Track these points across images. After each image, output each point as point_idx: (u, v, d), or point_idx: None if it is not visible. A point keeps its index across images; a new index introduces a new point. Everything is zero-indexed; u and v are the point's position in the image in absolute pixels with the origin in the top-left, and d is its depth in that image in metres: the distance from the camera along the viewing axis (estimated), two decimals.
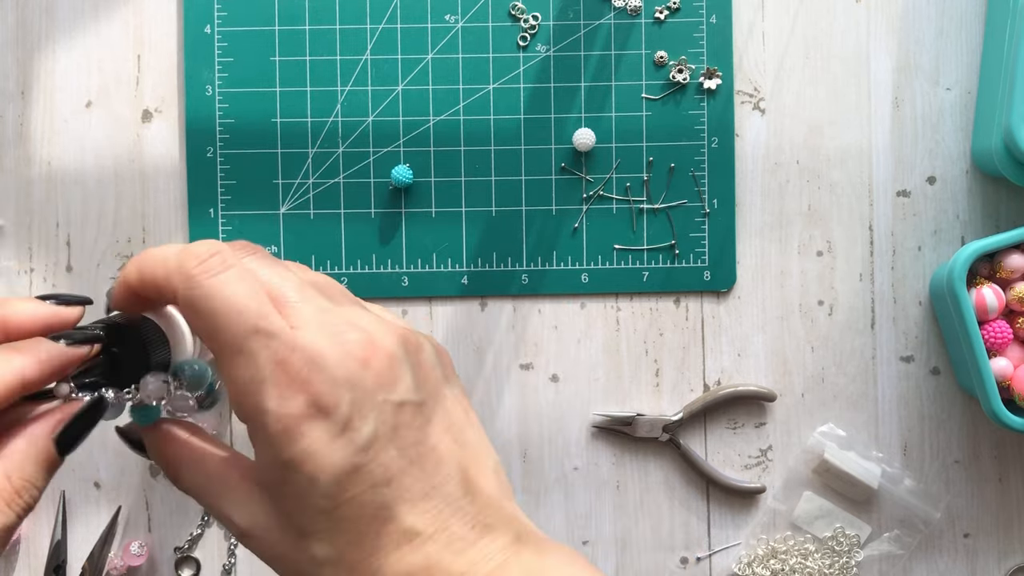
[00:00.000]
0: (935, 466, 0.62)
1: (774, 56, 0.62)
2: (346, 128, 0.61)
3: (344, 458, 0.29)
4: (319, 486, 0.28)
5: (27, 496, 0.30)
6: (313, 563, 0.30)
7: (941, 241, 0.62)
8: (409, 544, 0.29)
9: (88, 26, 0.62)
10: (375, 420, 0.29)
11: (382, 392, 0.30)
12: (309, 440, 0.28)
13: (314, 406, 0.29)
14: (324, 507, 0.29)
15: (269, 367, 0.29)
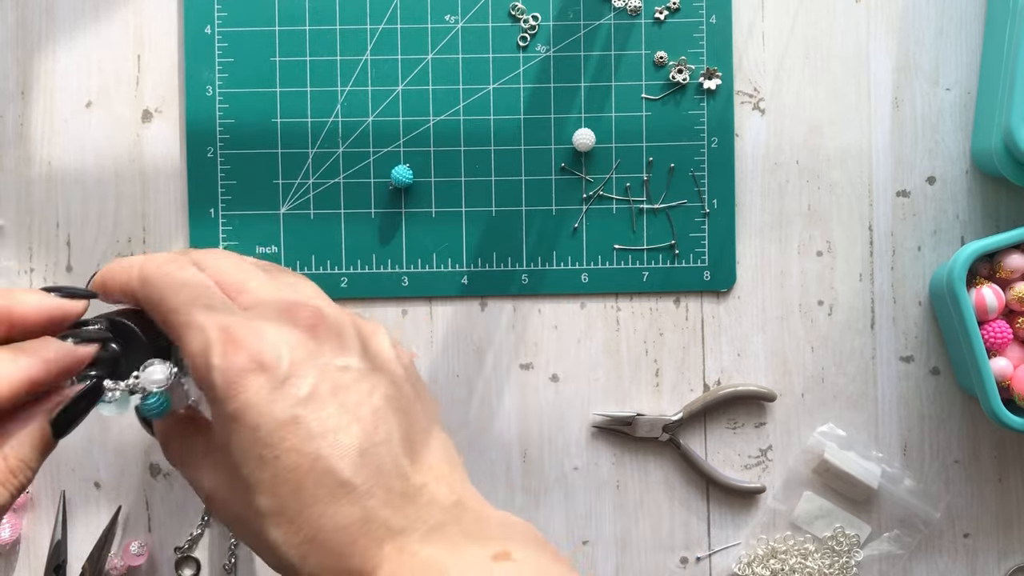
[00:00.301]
0: (935, 466, 0.62)
1: (774, 56, 0.62)
2: (346, 128, 0.61)
3: (283, 409, 0.30)
4: (260, 435, 0.30)
5: (21, 476, 0.30)
6: (258, 516, 0.31)
7: (941, 241, 0.62)
8: (347, 497, 0.30)
9: (88, 26, 0.62)
10: (315, 377, 0.31)
11: (325, 356, 0.32)
12: (250, 392, 0.30)
13: (255, 361, 0.31)
14: (265, 456, 0.30)
15: (214, 332, 0.31)
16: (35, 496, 0.61)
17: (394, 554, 0.30)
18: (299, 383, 0.31)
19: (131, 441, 0.62)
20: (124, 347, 0.34)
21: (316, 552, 0.30)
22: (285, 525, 0.30)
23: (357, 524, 0.30)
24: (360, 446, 0.31)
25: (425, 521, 0.31)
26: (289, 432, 0.30)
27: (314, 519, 0.30)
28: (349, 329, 0.34)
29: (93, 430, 0.61)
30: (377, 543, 0.30)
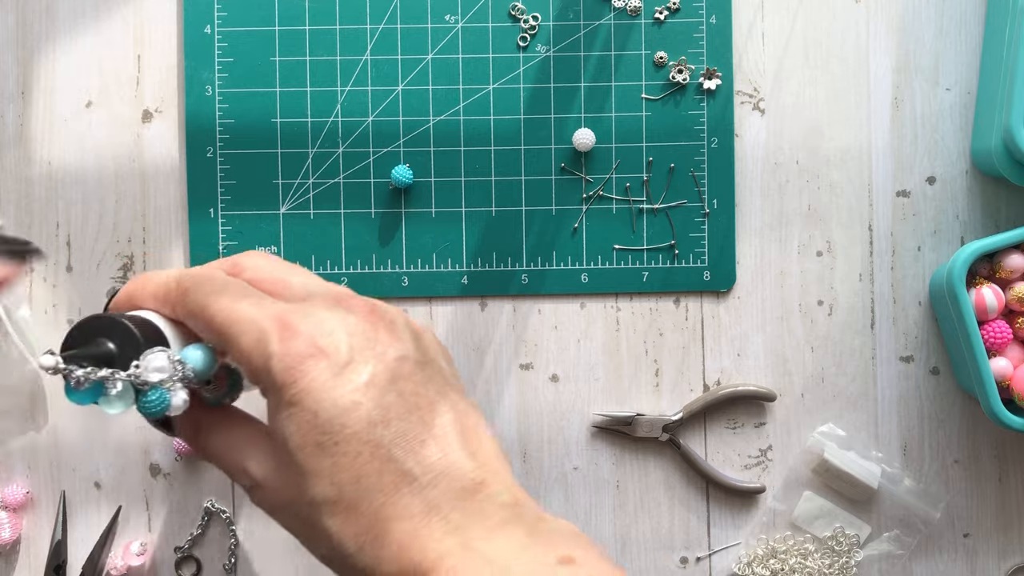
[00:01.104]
0: (935, 466, 0.62)
1: (774, 56, 0.62)
2: (346, 128, 0.61)
3: (343, 395, 0.30)
4: (319, 421, 0.30)
5: None
6: (313, 504, 0.30)
7: (941, 241, 0.62)
8: (408, 487, 0.30)
9: (88, 26, 0.62)
10: (374, 365, 0.31)
11: (382, 345, 0.32)
12: (310, 378, 0.30)
13: (314, 346, 0.30)
14: (324, 443, 0.30)
15: (268, 321, 0.31)
16: (35, 496, 0.61)
17: (456, 549, 0.29)
18: (359, 369, 0.31)
19: (131, 441, 0.62)
20: (121, 349, 0.33)
21: (375, 543, 0.30)
22: (343, 514, 0.30)
23: (419, 516, 0.30)
24: (420, 437, 0.30)
25: (487, 518, 0.30)
26: (350, 419, 0.30)
27: (374, 509, 0.30)
28: (401, 319, 0.34)
29: (93, 430, 0.61)
30: (439, 537, 0.29)
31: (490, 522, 0.30)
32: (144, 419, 0.35)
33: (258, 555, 0.62)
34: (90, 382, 0.32)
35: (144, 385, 0.33)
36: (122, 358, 0.33)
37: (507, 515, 0.31)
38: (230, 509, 0.61)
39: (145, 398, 0.33)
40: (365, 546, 0.30)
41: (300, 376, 0.30)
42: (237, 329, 0.32)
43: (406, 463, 0.30)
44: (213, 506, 0.61)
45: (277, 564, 0.62)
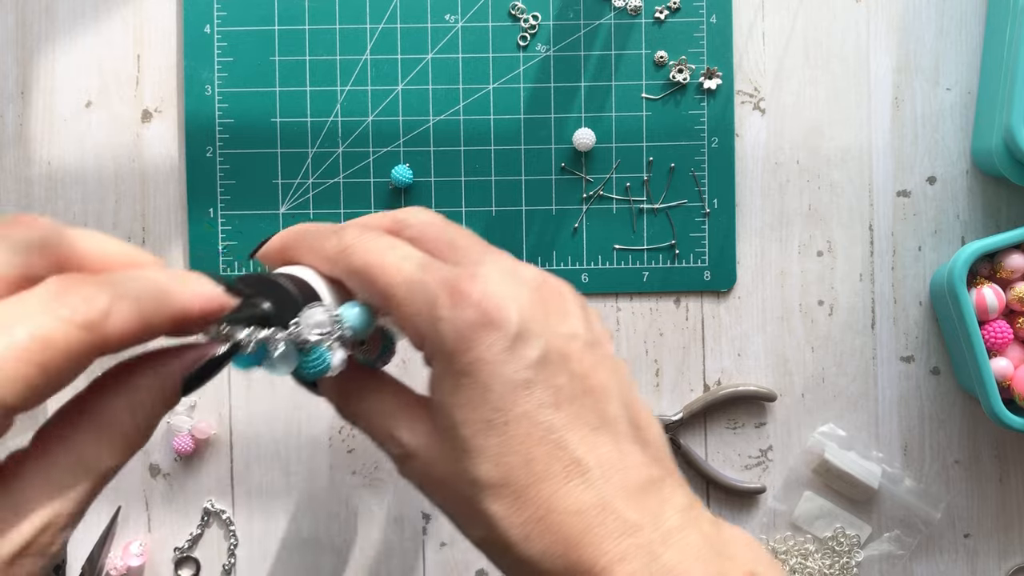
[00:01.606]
0: (935, 466, 0.62)
1: (774, 56, 0.62)
2: (346, 128, 0.61)
3: (516, 371, 0.28)
4: (491, 396, 0.28)
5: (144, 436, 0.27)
6: (475, 484, 0.28)
7: (941, 241, 0.62)
8: (581, 478, 0.28)
9: (88, 26, 0.62)
10: (546, 342, 0.29)
11: (553, 321, 0.30)
12: (483, 348, 0.28)
13: (486, 316, 0.28)
14: (494, 421, 0.28)
15: (437, 285, 0.29)
16: None
17: (634, 552, 0.27)
18: (531, 344, 0.28)
19: None
20: (278, 310, 0.30)
21: (543, 534, 0.27)
22: (509, 499, 0.28)
23: (592, 511, 0.27)
24: (591, 424, 0.28)
25: (664, 521, 0.28)
26: (521, 397, 0.28)
27: (544, 497, 0.27)
28: (570, 294, 0.32)
29: None
30: (613, 536, 0.27)
31: (666, 526, 0.28)
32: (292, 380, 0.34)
33: (257, 556, 0.61)
34: (254, 345, 0.29)
35: (304, 344, 0.30)
36: (279, 319, 0.30)
37: (683, 520, 0.28)
38: (230, 509, 0.61)
39: (306, 358, 0.30)
40: (532, 536, 0.27)
41: (472, 345, 0.28)
42: (405, 291, 0.30)
43: (578, 451, 0.28)
44: (212, 506, 0.61)
45: (277, 565, 0.61)
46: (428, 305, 0.29)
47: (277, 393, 0.62)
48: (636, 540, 0.27)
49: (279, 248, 0.34)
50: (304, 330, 0.30)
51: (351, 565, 0.62)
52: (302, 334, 0.30)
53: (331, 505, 0.62)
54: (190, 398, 0.61)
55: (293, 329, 0.30)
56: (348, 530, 0.62)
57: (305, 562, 0.62)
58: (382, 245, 0.31)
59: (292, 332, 0.30)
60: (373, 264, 0.30)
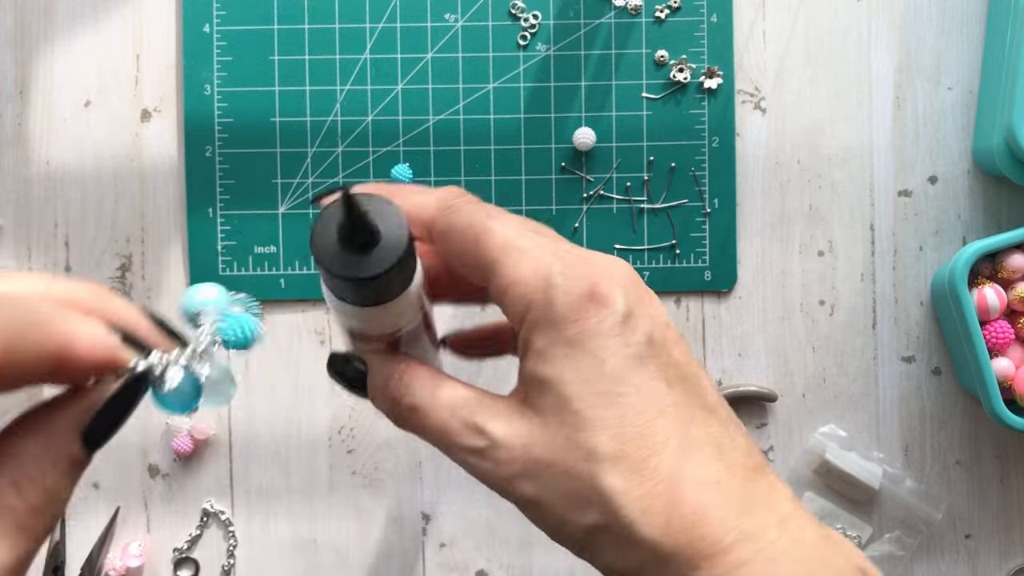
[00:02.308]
0: (936, 467, 0.62)
1: (775, 55, 0.62)
2: (345, 127, 0.61)
3: (628, 346, 0.27)
4: (605, 368, 0.27)
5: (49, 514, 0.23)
6: (592, 458, 0.27)
7: (942, 241, 0.62)
8: (699, 454, 0.27)
9: (87, 25, 0.62)
10: (651, 324, 0.28)
11: (652, 307, 0.29)
12: (594, 321, 0.27)
13: (597, 292, 0.28)
14: (609, 392, 0.27)
15: (548, 256, 0.28)
16: None
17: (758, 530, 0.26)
18: (639, 325, 0.28)
19: (130, 442, 0.61)
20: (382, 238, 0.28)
21: (664, 508, 0.26)
22: (627, 472, 0.26)
23: (713, 487, 0.26)
24: (699, 406, 0.28)
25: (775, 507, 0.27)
26: (636, 371, 0.27)
27: (663, 470, 0.26)
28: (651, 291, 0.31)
29: None
30: (735, 514, 0.26)
31: (778, 512, 0.27)
32: (335, 381, 0.32)
33: (257, 556, 0.61)
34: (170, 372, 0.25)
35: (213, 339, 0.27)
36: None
37: (791, 508, 0.28)
38: (229, 510, 0.61)
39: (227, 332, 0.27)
40: (651, 510, 0.26)
41: (586, 315, 0.27)
42: (515, 256, 0.28)
43: (691, 427, 0.27)
44: (212, 507, 0.61)
45: (276, 565, 0.61)
46: (538, 271, 0.28)
47: (277, 393, 0.62)
48: (756, 519, 0.26)
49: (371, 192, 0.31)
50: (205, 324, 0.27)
51: (351, 565, 0.61)
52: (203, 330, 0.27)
53: (331, 505, 0.61)
54: None
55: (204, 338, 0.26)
56: (348, 530, 0.62)
57: (305, 562, 0.61)
58: (490, 210, 0.30)
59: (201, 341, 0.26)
60: (478, 224, 0.29)
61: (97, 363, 0.23)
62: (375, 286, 0.28)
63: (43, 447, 0.23)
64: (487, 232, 0.29)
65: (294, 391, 0.62)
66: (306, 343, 0.62)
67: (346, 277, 0.28)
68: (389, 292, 0.29)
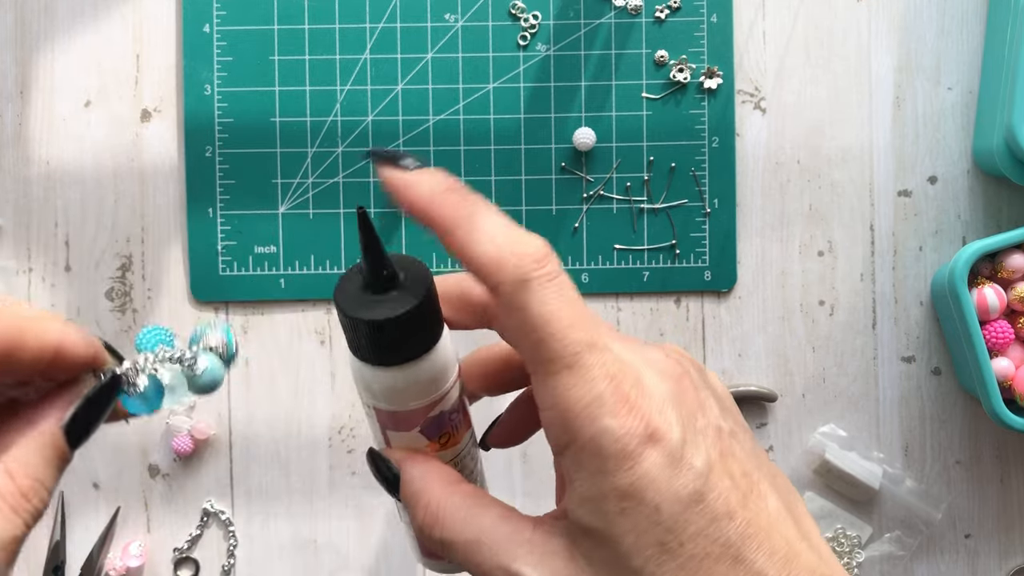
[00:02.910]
0: (936, 467, 0.62)
1: (775, 55, 0.62)
2: (345, 127, 0.61)
3: (685, 486, 0.25)
4: (662, 518, 0.25)
5: (36, 499, 0.25)
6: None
7: (942, 241, 0.62)
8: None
9: (87, 25, 0.62)
10: (704, 445, 0.26)
11: (700, 417, 0.27)
12: (648, 465, 0.25)
13: (651, 426, 0.25)
14: (668, 544, 0.25)
15: (604, 383, 0.26)
16: None
17: None
18: (694, 453, 0.26)
19: (130, 442, 0.61)
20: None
21: None
22: None
23: None
24: (763, 527, 0.26)
25: None
26: (694, 514, 0.25)
27: None
28: (695, 371, 0.29)
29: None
30: None
31: None
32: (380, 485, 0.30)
33: (257, 556, 0.61)
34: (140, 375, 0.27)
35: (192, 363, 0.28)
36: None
37: None
38: (229, 510, 0.61)
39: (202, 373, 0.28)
40: None
41: (637, 462, 0.25)
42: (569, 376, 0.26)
43: (757, 562, 0.25)
44: (212, 507, 0.61)
45: (276, 565, 0.61)
46: (589, 406, 0.25)
47: (277, 393, 0.62)
48: None
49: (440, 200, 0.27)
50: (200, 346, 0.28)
51: (351, 565, 0.61)
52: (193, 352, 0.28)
53: (331, 505, 0.61)
54: (189, 398, 0.61)
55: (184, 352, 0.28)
56: (348, 530, 0.62)
57: (305, 562, 0.61)
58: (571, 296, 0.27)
59: (183, 354, 0.27)
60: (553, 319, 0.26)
61: (87, 359, 0.26)
62: (390, 332, 0.27)
63: (30, 439, 0.25)
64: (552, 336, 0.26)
65: (294, 391, 0.62)
66: (306, 343, 0.62)
67: (359, 317, 0.27)
68: (408, 348, 0.27)
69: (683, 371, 0.28)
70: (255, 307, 0.61)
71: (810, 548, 0.27)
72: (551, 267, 0.27)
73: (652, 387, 0.26)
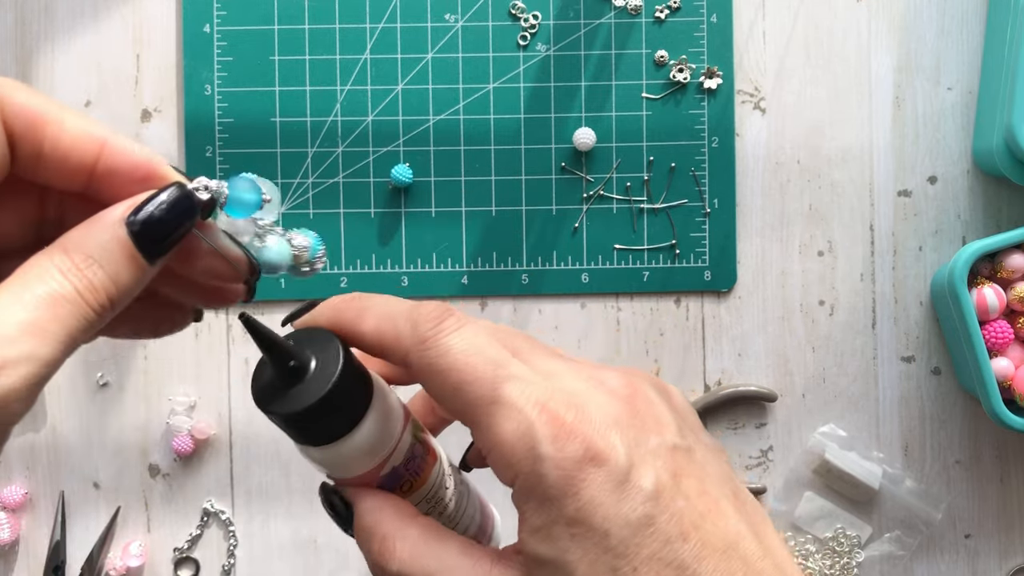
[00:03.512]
0: (936, 466, 0.62)
1: (775, 55, 0.62)
2: (345, 127, 0.61)
3: (633, 509, 0.25)
4: (611, 543, 0.25)
5: (104, 293, 0.24)
6: None
7: (942, 241, 0.62)
8: None
9: (87, 25, 0.62)
10: (654, 466, 0.26)
11: (652, 436, 0.26)
12: (591, 489, 0.25)
13: (591, 451, 0.25)
14: (620, 569, 0.25)
15: (533, 411, 0.25)
16: (34, 497, 0.61)
17: None
18: (642, 475, 0.25)
19: (130, 441, 0.61)
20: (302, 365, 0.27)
21: None
22: None
23: None
24: (718, 547, 0.25)
25: None
26: (645, 537, 0.25)
27: None
28: (652, 389, 0.28)
29: (92, 430, 0.61)
30: None
31: None
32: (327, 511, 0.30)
33: (257, 556, 0.61)
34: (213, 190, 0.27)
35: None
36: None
37: None
38: (229, 510, 0.61)
39: None
40: None
41: (580, 486, 0.25)
42: (493, 414, 0.26)
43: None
44: (212, 507, 0.61)
45: (276, 565, 0.61)
46: (525, 437, 0.25)
47: None
48: None
49: (329, 324, 0.28)
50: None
51: (351, 565, 0.61)
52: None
53: None
54: (189, 397, 0.61)
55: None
56: None
57: (305, 562, 0.61)
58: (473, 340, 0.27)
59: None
60: (460, 367, 0.26)
61: (136, 165, 0.25)
62: (309, 420, 0.26)
63: (88, 225, 0.24)
64: (464, 382, 0.26)
65: None
66: None
67: (273, 411, 0.26)
68: (334, 428, 0.27)
69: (634, 391, 0.27)
70: (255, 307, 0.61)
71: (774, 567, 0.26)
72: (450, 321, 0.27)
73: (594, 409, 0.26)
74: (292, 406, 0.26)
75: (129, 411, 0.61)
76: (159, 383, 0.61)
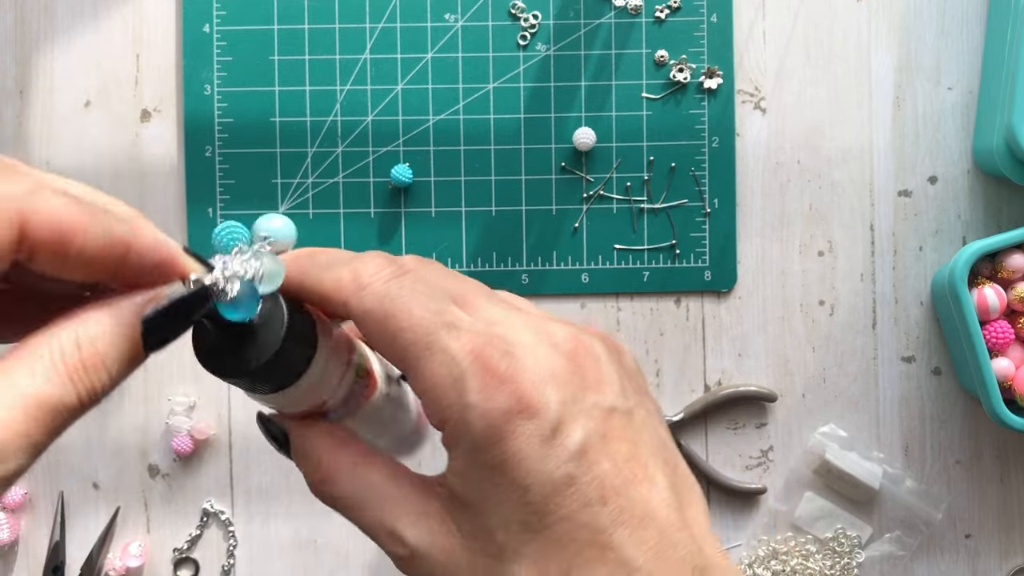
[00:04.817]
0: (936, 467, 0.62)
1: (775, 55, 0.62)
2: (345, 127, 0.61)
3: (557, 466, 0.25)
4: (530, 497, 0.25)
5: (95, 376, 0.23)
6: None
7: (942, 241, 0.62)
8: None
9: (87, 25, 0.62)
10: (585, 426, 0.25)
11: (591, 395, 0.26)
12: (518, 442, 0.25)
13: (521, 402, 0.25)
14: (532, 524, 0.25)
15: (466, 359, 0.25)
16: (33, 497, 0.61)
17: None
18: (570, 433, 0.25)
19: (129, 442, 0.61)
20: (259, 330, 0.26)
21: None
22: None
23: None
24: (640, 515, 0.25)
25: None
26: (565, 497, 0.25)
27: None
28: (603, 350, 0.28)
29: (91, 431, 0.61)
30: None
31: None
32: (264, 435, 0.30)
33: (257, 556, 0.61)
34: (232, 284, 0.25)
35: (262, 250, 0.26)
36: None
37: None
38: (229, 510, 0.61)
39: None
40: None
41: (506, 437, 0.24)
42: (425, 359, 0.25)
43: (626, 549, 0.25)
44: (212, 507, 0.61)
45: (276, 565, 0.61)
46: (456, 384, 0.25)
47: None
48: None
49: (295, 284, 0.28)
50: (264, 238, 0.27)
51: (351, 565, 0.61)
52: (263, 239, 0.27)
53: None
54: (188, 398, 0.61)
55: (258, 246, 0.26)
56: (348, 530, 0.61)
57: (305, 562, 0.61)
58: (408, 289, 0.26)
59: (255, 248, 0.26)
60: (396, 312, 0.26)
61: (159, 262, 0.24)
62: (258, 379, 0.26)
63: (107, 318, 0.23)
64: (400, 329, 0.26)
65: None
66: None
67: (220, 374, 0.26)
68: (283, 379, 0.27)
69: (579, 346, 0.27)
70: None
71: (690, 538, 0.26)
72: (389, 270, 0.27)
73: (532, 361, 0.25)
74: (242, 367, 0.26)
75: (128, 411, 0.61)
76: (158, 383, 0.61)
